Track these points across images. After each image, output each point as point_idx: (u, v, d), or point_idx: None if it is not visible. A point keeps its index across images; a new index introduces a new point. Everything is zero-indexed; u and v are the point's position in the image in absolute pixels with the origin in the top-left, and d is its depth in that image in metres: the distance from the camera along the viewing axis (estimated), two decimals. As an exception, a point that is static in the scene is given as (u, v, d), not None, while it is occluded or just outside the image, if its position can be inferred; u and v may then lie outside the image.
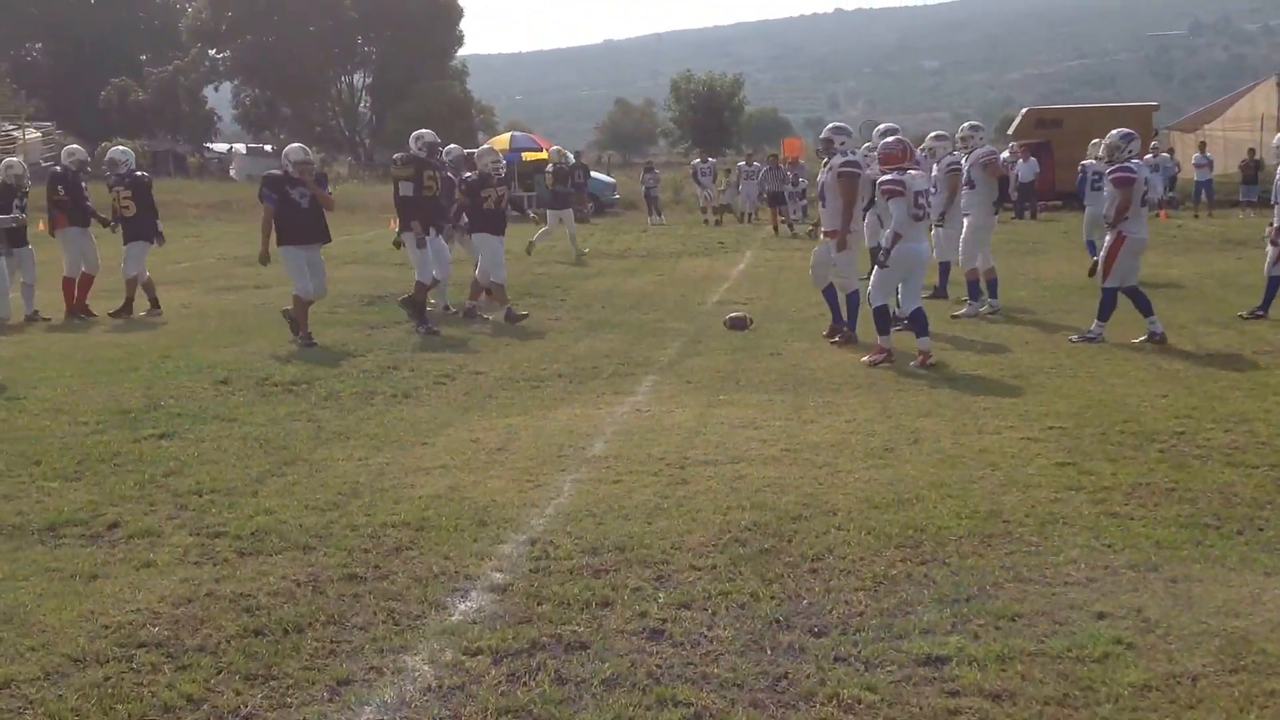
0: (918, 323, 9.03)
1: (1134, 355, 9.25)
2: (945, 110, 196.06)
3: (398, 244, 12.35)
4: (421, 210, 11.38)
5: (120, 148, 13.72)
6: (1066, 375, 8.50)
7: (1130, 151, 9.76)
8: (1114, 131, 10.02)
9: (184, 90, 63.60)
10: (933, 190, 11.45)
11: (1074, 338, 9.92)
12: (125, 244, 13.14)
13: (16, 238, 12.48)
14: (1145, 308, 9.78)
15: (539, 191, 33.73)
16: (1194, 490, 5.55)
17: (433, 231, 11.62)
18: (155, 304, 13.12)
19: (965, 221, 11.88)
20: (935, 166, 11.69)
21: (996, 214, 12.30)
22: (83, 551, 5.01)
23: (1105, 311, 9.83)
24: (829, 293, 10.30)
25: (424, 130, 11.86)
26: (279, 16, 61.19)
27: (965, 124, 12.81)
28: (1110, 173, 9.84)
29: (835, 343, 10.06)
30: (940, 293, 12.64)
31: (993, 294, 11.85)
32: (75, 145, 14.36)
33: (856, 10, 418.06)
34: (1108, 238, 9.87)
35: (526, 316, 12.00)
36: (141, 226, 13.08)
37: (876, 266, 9.21)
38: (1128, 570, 4.54)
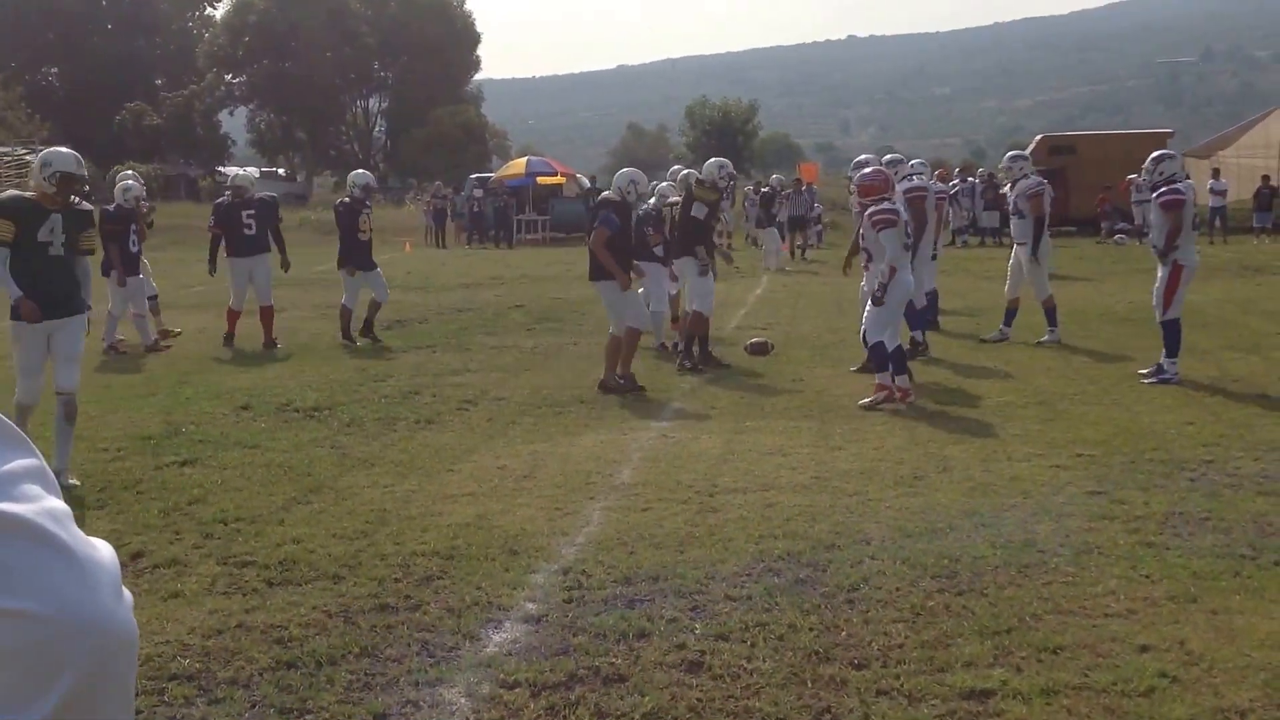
0: (898, 359, 8.65)
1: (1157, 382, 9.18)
2: (956, 136, 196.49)
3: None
4: (705, 238, 10.63)
5: (362, 171, 13.00)
6: (1091, 402, 8.45)
7: (1162, 172, 9.34)
8: (1155, 154, 9.67)
9: (199, 114, 64.04)
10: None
11: (1147, 377, 9.19)
12: (365, 271, 12.37)
13: (130, 266, 12.10)
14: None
15: (553, 215, 33.95)
16: (1228, 520, 5.49)
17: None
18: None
19: (1018, 250, 11.75)
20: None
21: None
22: (111, 580, 4.97)
23: (1174, 346, 9.21)
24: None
25: (724, 159, 11.40)
26: (296, 42, 61.65)
27: (1008, 154, 12.58)
28: (1158, 196, 9.35)
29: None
30: (933, 324, 12.56)
31: (1007, 322, 11.78)
32: (240, 173, 13.71)
33: (869, 37, 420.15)
34: (1161, 269, 9.39)
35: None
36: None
37: (871, 303, 8.75)
38: (1167, 602, 4.48)
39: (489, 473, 6.73)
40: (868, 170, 9.11)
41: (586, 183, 33.49)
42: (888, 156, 11.54)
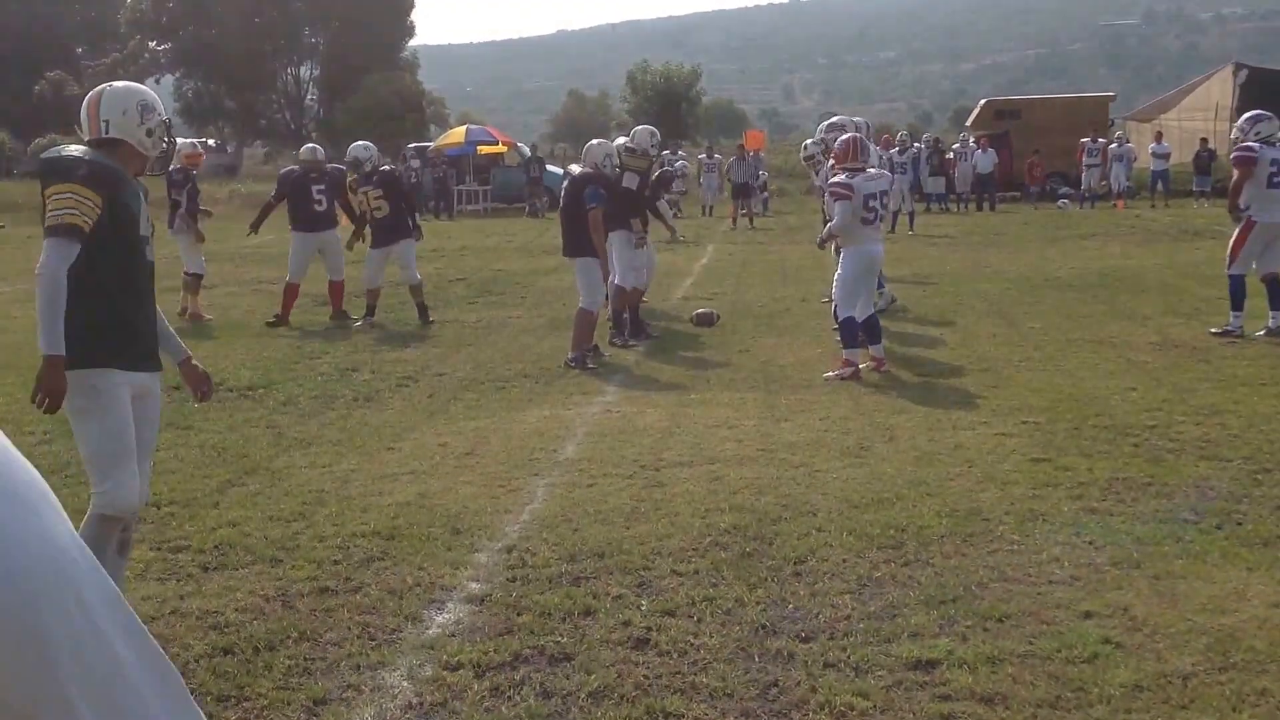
0: (871, 329, 8.70)
1: (1100, 347, 9.28)
2: (902, 101, 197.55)
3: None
4: (640, 209, 10.38)
5: (361, 143, 12.18)
6: (1035, 368, 8.50)
7: (1258, 133, 9.51)
8: (1250, 114, 9.90)
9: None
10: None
11: (1214, 330, 9.50)
12: (380, 247, 11.68)
13: None
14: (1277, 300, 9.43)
15: (494, 185, 33.59)
16: (1170, 485, 5.54)
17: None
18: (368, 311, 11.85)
19: None
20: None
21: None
22: (39, 568, 4.82)
23: (1237, 301, 9.42)
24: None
25: (652, 127, 11.20)
26: (222, 7, 60.17)
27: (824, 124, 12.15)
28: (1233, 152, 9.62)
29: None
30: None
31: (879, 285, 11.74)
32: (314, 145, 12.95)
33: (812, 0, 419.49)
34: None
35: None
36: (400, 226, 11.65)
37: (836, 277, 8.77)
38: (1111, 568, 4.50)
39: (430, 450, 6.61)
40: (845, 137, 9.00)
41: (528, 151, 33.13)
42: (835, 118, 11.46)
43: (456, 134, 37.21)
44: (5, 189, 40.70)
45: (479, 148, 34.62)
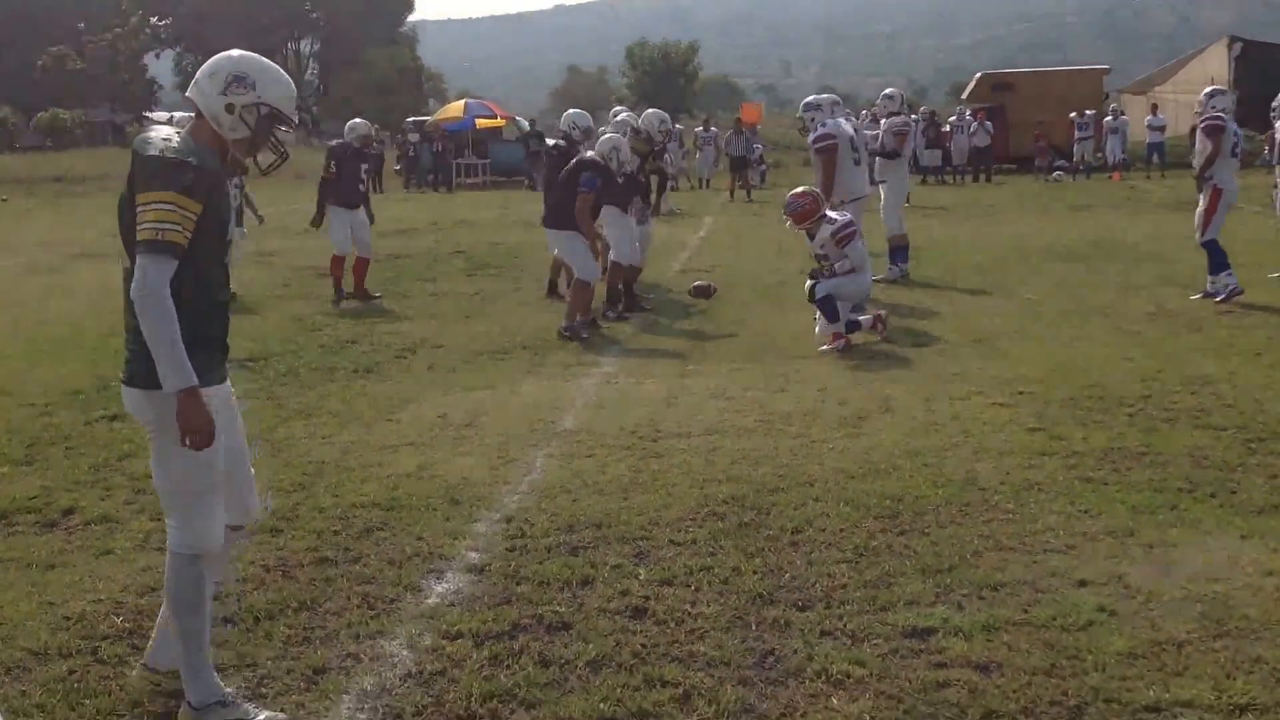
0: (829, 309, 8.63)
1: (1095, 317, 9.29)
2: (899, 75, 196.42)
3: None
4: (634, 189, 10.41)
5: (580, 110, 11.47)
6: (1030, 339, 8.51)
7: (1214, 106, 9.85)
8: (1208, 89, 10.30)
9: (124, 58, 62.07)
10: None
11: (1219, 299, 9.65)
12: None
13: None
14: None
15: (493, 159, 33.48)
16: (1165, 454, 5.56)
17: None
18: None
19: (882, 189, 11.99)
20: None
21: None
22: (38, 540, 4.85)
23: (1217, 265, 9.79)
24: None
25: (665, 114, 11.39)
26: (223, -18, 59.92)
27: (885, 92, 12.88)
28: (1201, 121, 9.94)
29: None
30: None
31: (903, 260, 11.87)
32: (359, 120, 12.42)
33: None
34: (1201, 196, 9.97)
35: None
36: None
37: (844, 269, 8.72)
38: (1106, 536, 4.53)
39: (429, 422, 6.63)
40: (796, 192, 8.94)
41: (526, 125, 33.04)
42: (825, 96, 11.53)
43: (455, 108, 37.07)
44: (7, 163, 40.60)
45: (478, 122, 34.47)
